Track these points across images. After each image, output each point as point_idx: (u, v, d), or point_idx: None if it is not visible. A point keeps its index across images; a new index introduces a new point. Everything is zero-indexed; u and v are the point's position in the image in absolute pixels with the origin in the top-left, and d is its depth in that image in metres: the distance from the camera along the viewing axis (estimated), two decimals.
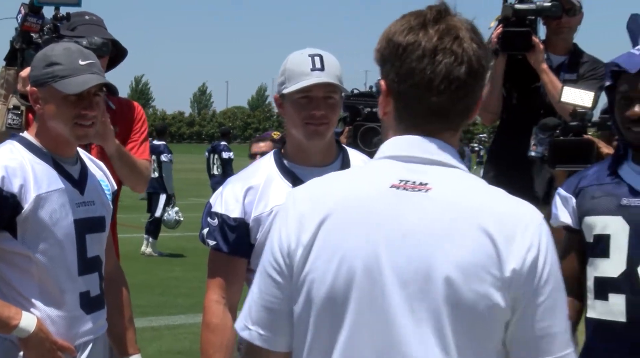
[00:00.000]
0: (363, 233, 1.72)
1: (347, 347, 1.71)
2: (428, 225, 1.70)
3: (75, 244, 2.77)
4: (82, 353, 2.81)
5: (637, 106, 2.62)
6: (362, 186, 1.79)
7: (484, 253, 1.67)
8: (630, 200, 2.66)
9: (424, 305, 1.67)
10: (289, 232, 1.78)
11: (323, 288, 1.72)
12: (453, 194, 1.73)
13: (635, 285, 2.60)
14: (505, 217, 1.70)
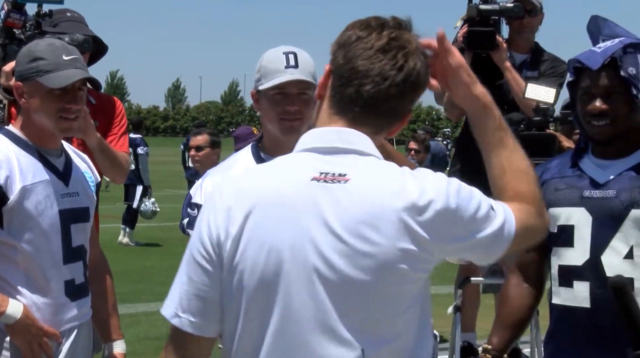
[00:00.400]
0: (288, 226, 1.77)
1: (279, 332, 1.76)
2: (347, 217, 1.74)
3: (60, 234, 2.76)
4: (67, 339, 2.81)
5: (598, 101, 2.64)
6: (285, 179, 1.83)
7: (403, 238, 1.73)
8: (592, 191, 2.68)
9: (349, 290, 1.73)
10: (217, 224, 1.81)
11: (253, 278, 1.77)
12: (370, 184, 1.78)
13: (599, 272, 2.61)
14: (417, 198, 1.75)
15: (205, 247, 1.82)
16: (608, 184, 2.67)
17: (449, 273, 5.37)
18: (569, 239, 2.69)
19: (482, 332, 5.04)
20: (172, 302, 1.86)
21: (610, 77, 2.61)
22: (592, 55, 2.65)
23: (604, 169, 2.70)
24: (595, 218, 2.65)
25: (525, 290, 2.88)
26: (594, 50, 2.68)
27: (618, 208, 2.62)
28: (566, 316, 2.69)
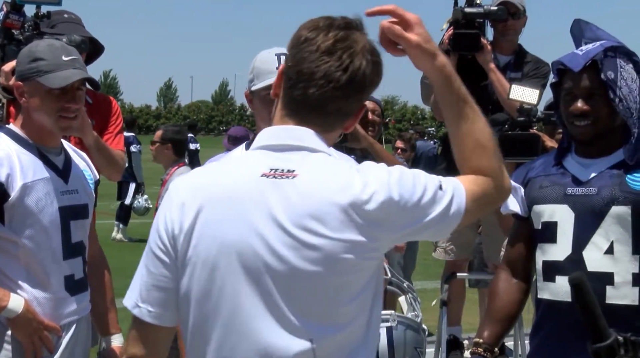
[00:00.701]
0: (237, 221, 1.78)
1: (229, 323, 1.78)
2: (294, 211, 1.75)
3: (60, 230, 2.76)
4: (67, 333, 2.80)
5: (580, 102, 2.65)
6: (237, 176, 1.84)
7: (348, 230, 1.74)
8: (575, 189, 2.69)
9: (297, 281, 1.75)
10: (172, 218, 1.83)
11: (204, 271, 1.79)
12: (318, 179, 1.78)
13: (580, 267, 2.62)
14: (360, 192, 1.75)
15: (162, 240, 1.85)
16: (590, 182, 2.68)
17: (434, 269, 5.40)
18: (552, 235, 2.71)
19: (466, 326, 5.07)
20: (132, 293, 1.90)
21: (591, 79, 2.62)
22: (574, 58, 2.66)
23: (586, 167, 2.72)
24: (577, 215, 2.66)
25: (514, 285, 2.89)
26: (576, 52, 2.69)
27: (599, 205, 2.64)
28: (550, 310, 2.70)
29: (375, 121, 4.46)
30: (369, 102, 4.66)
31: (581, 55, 2.65)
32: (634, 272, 2.61)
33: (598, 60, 2.61)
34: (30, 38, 3.37)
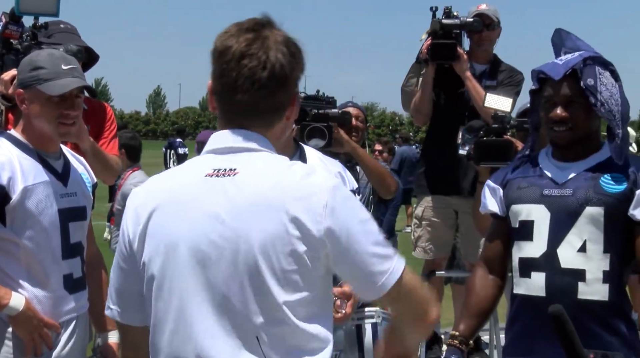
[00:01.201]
0: (182, 220, 1.80)
1: (179, 317, 1.79)
2: (234, 206, 1.77)
3: (59, 231, 2.75)
4: (65, 330, 2.79)
5: (559, 109, 2.66)
6: (185, 178, 1.88)
7: (283, 227, 1.74)
8: (551, 190, 2.71)
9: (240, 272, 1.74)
10: (128, 225, 1.86)
11: (156, 268, 1.81)
12: (257, 176, 1.80)
13: (554, 264, 2.65)
14: (300, 191, 1.77)
15: (121, 248, 1.89)
16: (566, 184, 2.70)
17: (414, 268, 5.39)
18: (529, 233, 2.72)
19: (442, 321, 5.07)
20: (108, 297, 1.96)
21: (571, 87, 2.64)
22: (555, 67, 2.68)
23: (563, 170, 2.73)
24: (553, 215, 2.68)
25: (490, 281, 2.90)
26: (556, 62, 2.71)
27: (574, 206, 2.65)
28: (525, 305, 2.71)
29: (358, 127, 4.47)
30: (353, 108, 4.67)
31: (561, 65, 2.67)
32: (604, 269, 2.63)
33: (578, 69, 2.63)
34: (29, 48, 3.34)
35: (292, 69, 1.85)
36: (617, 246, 2.64)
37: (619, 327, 2.64)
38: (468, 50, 4.68)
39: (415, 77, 4.77)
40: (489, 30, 4.70)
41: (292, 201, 1.75)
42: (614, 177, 2.67)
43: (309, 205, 1.75)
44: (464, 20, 4.58)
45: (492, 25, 4.72)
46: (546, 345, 2.59)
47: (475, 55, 4.71)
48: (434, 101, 4.70)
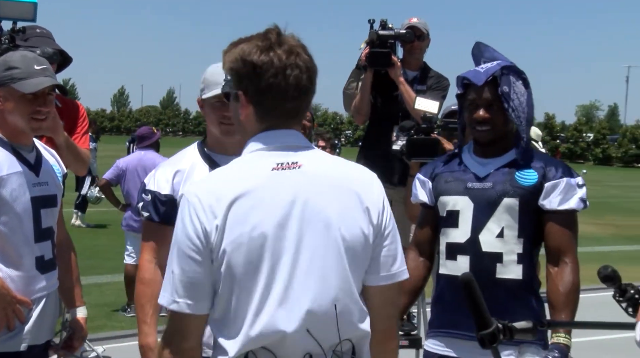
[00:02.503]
0: (263, 209, 1.76)
1: (286, 291, 1.75)
2: (307, 192, 1.78)
3: (31, 217, 2.69)
4: (37, 306, 2.73)
5: (482, 111, 2.70)
6: (251, 174, 1.81)
7: (356, 205, 1.80)
8: (474, 184, 2.74)
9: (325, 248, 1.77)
10: (201, 221, 1.76)
11: (241, 256, 1.74)
12: (319, 167, 1.83)
13: (476, 248, 2.69)
14: (360, 179, 1.85)
15: (193, 242, 1.77)
16: (487, 178, 2.74)
17: None
18: (455, 221, 2.75)
19: None
20: (166, 293, 1.81)
21: (491, 92, 2.68)
22: (477, 74, 2.72)
23: (484, 165, 2.77)
24: (475, 205, 2.71)
25: (420, 263, 2.93)
26: (478, 70, 2.75)
27: (493, 197, 2.70)
28: (450, 284, 2.74)
29: (305, 125, 4.47)
30: None
31: (483, 72, 2.71)
32: (518, 252, 2.68)
33: (497, 76, 2.67)
34: (7, 50, 3.26)
35: (316, 69, 1.86)
36: (528, 232, 2.69)
37: (529, 301, 2.70)
38: (401, 58, 4.70)
39: (355, 82, 4.77)
40: (419, 40, 4.73)
41: (359, 186, 1.83)
42: (526, 172, 2.72)
43: (371, 196, 1.83)
44: (398, 31, 4.61)
45: (422, 37, 4.75)
46: (467, 319, 2.62)
47: (407, 63, 4.74)
48: (372, 103, 4.71)
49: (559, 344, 2.59)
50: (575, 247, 2.74)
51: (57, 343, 2.97)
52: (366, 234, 1.81)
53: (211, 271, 1.78)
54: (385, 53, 4.54)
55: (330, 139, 10.19)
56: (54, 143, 3.32)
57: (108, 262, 9.39)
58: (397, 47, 4.67)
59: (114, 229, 11.90)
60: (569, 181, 2.70)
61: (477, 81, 2.69)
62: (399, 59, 4.65)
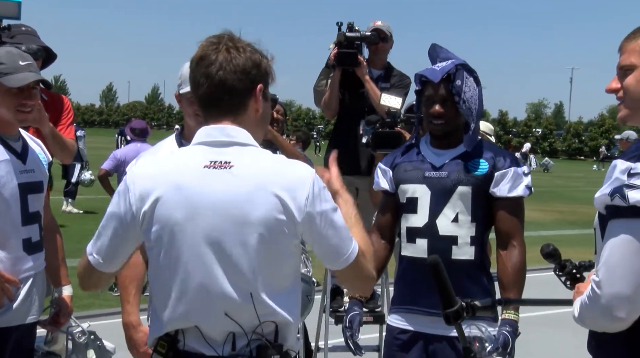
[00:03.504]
0: (188, 204, 1.75)
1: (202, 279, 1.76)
2: (232, 194, 1.75)
3: (19, 202, 2.63)
4: (24, 285, 2.68)
5: (437, 106, 2.70)
6: (184, 167, 1.81)
7: (277, 210, 1.73)
8: (431, 173, 2.74)
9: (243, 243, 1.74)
10: (131, 202, 1.80)
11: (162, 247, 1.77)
12: (249, 168, 1.78)
13: (434, 231, 2.69)
14: (289, 179, 1.77)
15: (122, 216, 1.82)
16: (442, 167, 2.74)
17: None
18: (414, 207, 2.75)
19: None
20: (90, 246, 1.90)
21: (446, 89, 2.68)
22: (434, 72, 2.71)
23: (440, 156, 2.77)
24: (433, 193, 2.72)
25: (382, 245, 2.92)
26: (434, 68, 2.74)
27: (449, 186, 2.70)
28: (410, 264, 2.75)
29: (279, 119, 4.43)
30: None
31: (439, 71, 2.70)
32: (471, 235, 2.69)
33: (451, 74, 2.67)
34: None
35: (255, 67, 1.84)
36: (480, 217, 2.71)
37: (481, 279, 2.72)
38: (367, 58, 4.67)
39: (325, 79, 4.75)
40: (383, 42, 4.72)
41: (284, 189, 1.74)
42: (478, 162, 2.73)
43: (294, 194, 1.74)
44: (364, 33, 4.58)
45: (386, 38, 4.74)
46: (426, 296, 2.63)
47: (372, 62, 4.72)
48: (340, 99, 4.69)
49: (510, 319, 2.62)
50: (522, 231, 2.76)
51: (45, 319, 2.93)
52: (286, 231, 1.75)
53: (133, 244, 1.87)
54: (352, 53, 4.51)
55: (300, 137, 10.22)
56: (41, 133, 3.27)
57: None
58: (363, 47, 4.64)
59: (102, 215, 11.66)
60: (516, 170, 2.71)
61: (434, 78, 2.69)
62: (365, 59, 4.62)
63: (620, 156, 1.60)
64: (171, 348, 1.79)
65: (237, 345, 1.77)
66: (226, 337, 1.77)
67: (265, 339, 1.77)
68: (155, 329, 1.85)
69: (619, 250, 1.53)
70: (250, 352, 1.76)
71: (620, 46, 1.74)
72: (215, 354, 1.76)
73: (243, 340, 1.77)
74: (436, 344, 2.69)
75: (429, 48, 2.88)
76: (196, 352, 1.78)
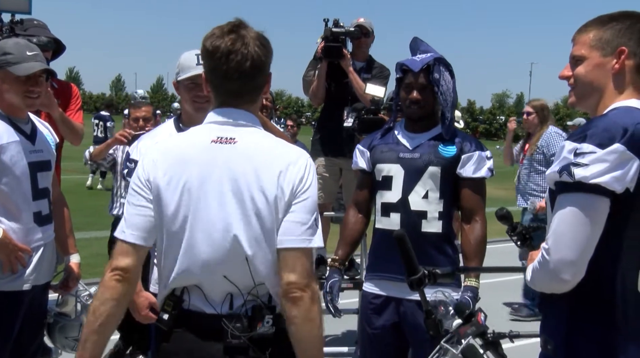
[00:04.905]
0: (194, 175, 1.77)
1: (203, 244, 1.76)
2: (233, 167, 1.76)
3: (29, 179, 2.62)
4: (36, 253, 2.68)
5: (416, 93, 2.71)
6: (194, 141, 1.83)
7: (272, 178, 1.74)
8: (405, 154, 2.75)
9: (241, 212, 1.74)
10: (148, 170, 1.80)
11: (172, 210, 1.77)
12: (252, 147, 1.80)
13: (406, 207, 2.71)
14: (286, 157, 1.78)
15: (141, 185, 1.81)
16: (415, 149, 2.75)
17: None
18: (389, 185, 2.76)
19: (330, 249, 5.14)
20: (121, 224, 1.83)
21: (425, 78, 2.69)
22: (414, 62, 2.72)
23: (413, 139, 2.79)
24: (406, 172, 2.73)
25: (359, 218, 2.94)
26: (415, 59, 2.76)
27: (420, 166, 2.71)
28: (384, 236, 2.75)
29: (267, 105, 4.44)
30: None
31: (419, 61, 2.72)
32: (439, 210, 2.71)
33: (430, 65, 2.68)
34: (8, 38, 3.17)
35: (266, 57, 1.82)
36: (448, 194, 2.72)
37: (447, 250, 2.74)
38: (351, 51, 4.67)
39: (312, 70, 4.74)
40: (366, 37, 4.70)
41: (283, 164, 1.75)
42: (447, 145, 2.74)
43: (290, 173, 1.75)
44: (348, 29, 4.58)
45: (368, 34, 4.73)
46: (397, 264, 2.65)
47: (355, 55, 4.70)
48: (326, 88, 4.69)
49: (471, 286, 2.65)
50: (484, 208, 2.79)
51: (57, 284, 2.94)
52: (277, 204, 1.74)
53: (151, 215, 1.80)
54: (337, 47, 4.51)
55: (296, 119, 10.44)
56: (52, 118, 3.27)
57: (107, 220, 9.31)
58: (347, 42, 4.64)
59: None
60: (480, 154, 2.74)
61: (414, 68, 2.70)
62: (349, 52, 4.62)
63: (568, 138, 1.62)
64: (176, 307, 1.81)
65: (234, 305, 1.78)
66: (225, 297, 1.78)
67: (260, 300, 1.78)
68: (162, 290, 1.85)
69: (566, 221, 1.55)
70: (246, 311, 1.77)
71: (573, 37, 1.75)
72: (214, 312, 1.77)
73: (239, 300, 1.78)
74: (406, 306, 2.72)
75: (411, 41, 2.88)
76: (198, 310, 1.79)
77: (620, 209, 1.55)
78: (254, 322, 1.76)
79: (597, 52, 1.68)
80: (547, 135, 5.55)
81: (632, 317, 1.61)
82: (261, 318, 1.76)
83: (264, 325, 1.76)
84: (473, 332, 1.89)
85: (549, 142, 5.50)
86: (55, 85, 3.69)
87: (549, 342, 1.67)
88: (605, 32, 1.68)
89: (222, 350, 1.75)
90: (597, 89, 1.69)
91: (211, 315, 1.77)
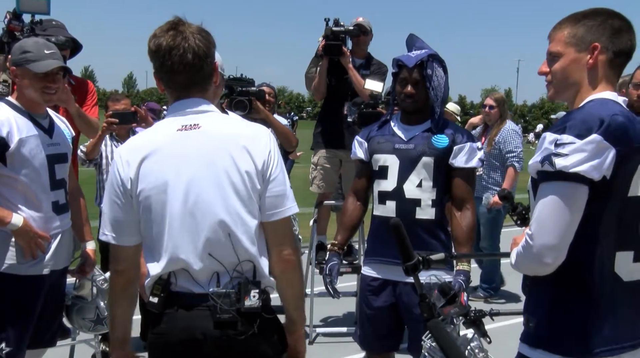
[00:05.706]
0: (167, 162, 1.79)
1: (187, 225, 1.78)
2: (203, 148, 1.79)
3: (47, 171, 2.64)
4: (54, 240, 2.70)
5: (410, 87, 2.72)
6: (161, 134, 1.85)
7: (242, 155, 1.78)
8: (400, 145, 2.76)
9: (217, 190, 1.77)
10: (119, 171, 1.82)
11: (151, 201, 1.79)
12: (216, 128, 1.82)
13: (401, 195, 2.71)
14: (249, 135, 1.82)
15: (116, 189, 1.83)
16: (410, 141, 2.76)
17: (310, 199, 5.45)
18: (385, 174, 2.77)
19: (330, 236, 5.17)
20: (100, 228, 1.89)
21: (419, 73, 2.70)
22: (409, 58, 2.73)
23: (408, 131, 2.79)
24: (401, 162, 2.74)
25: (357, 206, 2.95)
26: (410, 55, 2.76)
27: (414, 156, 2.72)
28: (381, 223, 2.77)
29: (270, 101, 4.45)
30: (266, 87, 4.65)
31: (413, 57, 2.72)
32: (432, 198, 2.72)
33: (424, 61, 2.69)
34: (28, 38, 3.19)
35: (207, 48, 1.83)
36: (440, 183, 2.73)
37: (440, 236, 2.75)
38: (350, 49, 4.67)
39: (314, 67, 4.75)
40: (364, 35, 4.70)
41: (248, 142, 1.78)
42: (440, 136, 2.75)
43: (257, 146, 1.78)
44: (347, 27, 4.58)
45: (367, 32, 4.72)
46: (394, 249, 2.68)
47: (355, 52, 4.71)
48: (327, 84, 4.70)
49: (463, 270, 2.67)
50: (473, 196, 2.79)
51: (74, 269, 2.97)
52: (251, 177, 1.78)
53: (133, 212, 1.82)
54: (337, 45, 4.52)
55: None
56: (69, 113, 3.29)
57: None
58: (347, 40, 4.64)
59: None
60: (471, 145, 2.74)
61: (409, 63, 2.71)
62: (349, 50, 4.62)
63: (549, 129, 1.63)
64: (164, 290, 1.81)
65: (221, 282, 1.79)
66: (211, 276, 1.79)
67: (244, 276, 1.80)
68: (150, 275, 1.86)
69: (548, 208, 1.56)
70: (232, 287, 1.79)
71: (549, 34, 1.76)
72: (203, 291, 1.79)
73: (226, 277, 1.79)
74: (402, 288, 2.74)
75: (407, 37, 2.88)
76: (186, 290, 1.80)
77: (597, 196, 1.56)
78: (241, 296, 1.78)
79: (572, 48, 1.69)
80: (504, 131, 5.50)
81: (609, 296, 1.64)
82: (247, 293, 1.78)
83: (250, 299, 1.78)
84: (456, 312, 1.91)
85: (505, 139, 5.45)
86: (72, 82, 3.72)
87: (531, 319, 1.70)
88: (578, 29, 1.69)
89: (213, 325, 1.76)
90: (574, 83, 1.71)
91: (199, 294, 1.78)
